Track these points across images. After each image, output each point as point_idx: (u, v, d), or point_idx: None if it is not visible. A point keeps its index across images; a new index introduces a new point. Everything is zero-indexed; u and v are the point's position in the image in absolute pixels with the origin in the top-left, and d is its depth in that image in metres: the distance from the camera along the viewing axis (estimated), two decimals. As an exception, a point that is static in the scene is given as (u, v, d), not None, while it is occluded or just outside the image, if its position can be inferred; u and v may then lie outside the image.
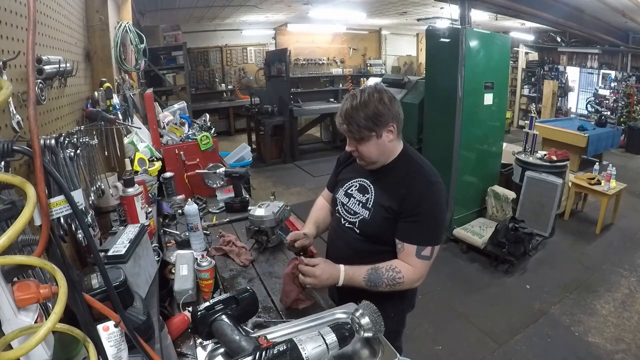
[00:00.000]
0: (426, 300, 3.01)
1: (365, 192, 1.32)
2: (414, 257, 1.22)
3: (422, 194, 1.22)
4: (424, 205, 1.21)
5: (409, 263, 1.23)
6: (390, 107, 1.21)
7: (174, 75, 6.74)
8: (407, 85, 4.22)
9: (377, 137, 1.22)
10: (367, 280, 1.23)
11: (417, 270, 1.23)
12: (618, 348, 2.44)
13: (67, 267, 0.62)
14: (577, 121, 6.47)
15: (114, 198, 1.42)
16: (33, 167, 0.61)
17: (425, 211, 1.21)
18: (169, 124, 2.66)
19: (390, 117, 1.21)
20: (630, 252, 3.62)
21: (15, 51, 0.83)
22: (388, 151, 1.27)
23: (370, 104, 1.19)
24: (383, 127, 1.21)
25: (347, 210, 1.36)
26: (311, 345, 0.85)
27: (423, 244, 1.22)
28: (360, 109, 1.19)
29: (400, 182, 1.24)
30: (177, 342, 1.13)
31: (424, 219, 1.21)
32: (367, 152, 1.24)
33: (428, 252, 1.23)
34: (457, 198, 3.73)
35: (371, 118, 1.19)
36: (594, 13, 4.99)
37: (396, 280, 1.22)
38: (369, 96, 1.20)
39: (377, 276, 1.22)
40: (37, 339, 0.52)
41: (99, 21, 1.76)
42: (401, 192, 1.23)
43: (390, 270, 1.22)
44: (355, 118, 1.19)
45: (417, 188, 1.22)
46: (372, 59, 9.65)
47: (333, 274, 1.24)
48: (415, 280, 1.26)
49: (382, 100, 1.20)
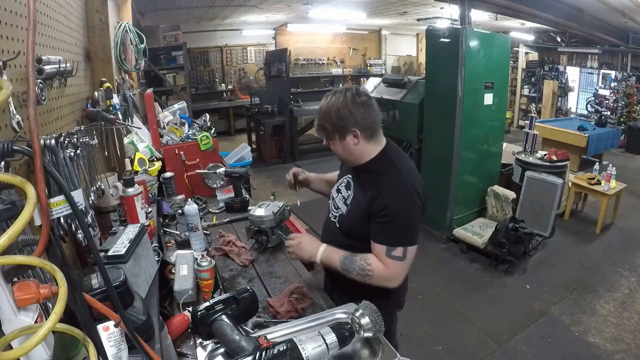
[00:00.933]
0: (426, 300, 3.02)
1: (349, 189, 1.38)
2: (385, 257, 1.24)
3: (391, 194, 1.23)
4: (393, 206, 1.22)
5: (381, 259, 1.25)
6: (354, 113, 1.23)
7: (174, 75, 6.74)
8: (407, 85, 4.22)
9: (339, 139, 1.27)
10: (342, 263, 1.28)
11: (388, 269, 1.24)
12: (618, 348, 2.44)
13: (67, 267, 0.62)
14: (577, 121, 6.47)
15: (114, 198, 1.42)
16: (33, 167, 0.61)
17: (393, 212, 1.22)
18: (169, 124, 2.66)
19: (352, 123, 1.24)
20: (630, 252, 3.62)
21: (15, 51, 0.83)
22: (357, 153, 1.30)
23: (333, 109, 1.24)
24: (345, 132, 1.25)
25: (334, 205, 1.43)
26: (311, 345, 0.85)
27: (392, 244, 1.23)
28: (326, 112, 1.26)
29: (374, 181, 1.28)
30: (177, 342, 1.13)
31: (393, 219, 1.22)
32: (336, 151, 1.32)
33: (399, 253, 1.23)
34: (457, 198, 3.73)
35: (332, 122, 1.25)
36: (594, 13, 4.98)
37: (366, 271, 1.25)
38: (335, 100, 1.25)
39: (351, 262, 1.27)
40: (37, 339, 0.52)
41: (99, 21, 1.76)
42: (373, 191, 1.26)
43: (363, 261, 1.26)
44: (322, 119, 1.28)
45: (387, 189, 1.24)
46: (372, 59, 9.65)
47: (314, 247, 1.33)
48: (387, 279, 1.26)
49: (346, 105, 1.23)
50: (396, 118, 4.14)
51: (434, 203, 3.94)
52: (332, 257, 1.31)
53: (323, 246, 1.33)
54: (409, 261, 1.25)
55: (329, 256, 1.31)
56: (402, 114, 4.09)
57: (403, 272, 1.27)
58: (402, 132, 4.10)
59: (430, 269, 3.46)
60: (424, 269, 3.44)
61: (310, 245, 1.35)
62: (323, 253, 1.32)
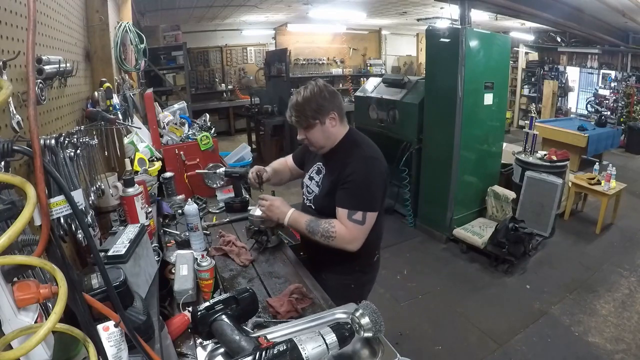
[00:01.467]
0: (426, 300, 3.02)
1: (319, 173, 1.54)
2: (346, 220, 1.37)
3: (355, 165, 1.39)
4: (356, 173, 1.37)
5: (343, 223, 1.38)
6: (330, 99, 1.41)
7: (174, 75, 6.74)
8: (407, 85, 4.21)
9: (321, 124, 1.42)
10: (307, 225, 1.42)
11: (349, 232, 1.37)
12: (618, 348, 2.44)
13: (67, 267, 0.62)
14: (577, 121, 6.47)
15: (114, 198, 1.42)
16: (33, 167, 0.61)
17: (356, 179, 1.37)
18: (169, 124, 2.65)
19: (331, 107, 1.41)
20: (630, 252, 3.62)
21: (15, 51, 0.83)
22: (333, 136, 1.45)
23: (312, 97, 1.40)
24: (326, 115, 1.41)
25: (308, 191, 1.58)
26: (311, 345, 0.85)
27: (353, 208, 1.37)
28: (305, 102, 1.40)
29: (341, 160, 1.43)
30: (177, 342, 1.13)
31: (355, 185, 1.37)
32: (315, 138, 1.44)
33: (359, 217, 1.36)
34: (457, 198, 3.73)
35: (314, 109, 1.39)
36: (594, 13, 4.99)
37: (329, 233, 1.38)
38: (311, 91, 1.41)
39: (316, 225, 1.41)
40: (37, 339, 0.52)
41: (99, 21, 1.76)
42: (340, 168, 1.41)
43: (327, 224, 1.40)
44: (302, 109, 1.40)
45: (352, 161, 1.40)
46: (372, 59, 9.66)
47: (283, 210, 1.49)
48: (348, 241, 1.39)
49: (322, 93, 1.40)
50: (396, 118, 4.14)
51: (434, 203, 3.98)
52: (298, 219, 1.45)
53: (291, 210, 1.48)
54: (369, 226, 1.39)
55: (296, 219, 1.46)
56: (402, 114, 4.09)
57: (362, 236, 1.39)
58: (402, 132, 4.10)
59: (430, 269, 3.47)
60: (424, 269, 3.45)
61: (279, 209, 1.49)
62: (291, 216, 1.46)
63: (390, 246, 3.79)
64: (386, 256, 3.60)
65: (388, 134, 4.24)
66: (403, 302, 2.98)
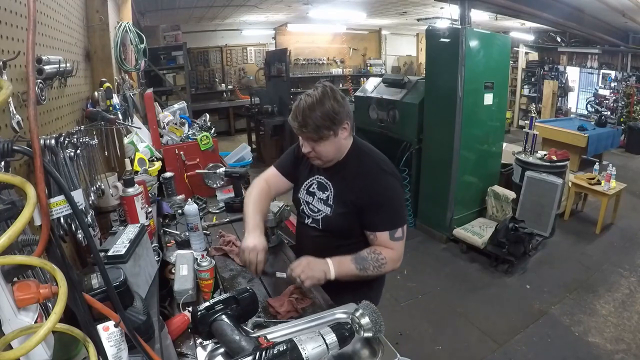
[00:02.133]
0: (426, 300, 3.02)
1: (325, 190, 1.37)
2: (389, 241, 1.30)
3: (379, 183, 1.29)
4: (384, 193, 1.29)
5: (388, 244, 1.30)
6: (344, 105, 1.25)
7: (174, 75, 6.74)
8: (407, 85, 4.21)
9: (334, 135, 1.25)
10: (356, 264, 1.26)
11: (395, 251, 1.31)
12: (618, 348, 2.44)
13: (67, 267, 0.62)
14: (577, 121, 6.47)
15: (114, 198, 1.42)
16: (33, 167, 0.61)
17: (386, 199, 1.29)
18: (169, 124, 2.65)
19: (345, 115, 1.25)
20: (630, 252, 3.62)
21: (15, 51, 0.83)
22: (343, 147, 1.32)
23: (326, 102, 1.21)
24: (339, 125, 1.25)
25: (311, 209, 1.41)
26: (311, 345, 0.85)
27: (394, 227, 1.29)
28: (317, 108, 1.21)
29: (356, 175, 1.31)
30: (177, 342, 1.13)
31: (387, 206, 1.30)
32: (325, 152, 1.27)
33: (400, 233, 1.31)
34: (457, 198, 3.73)
35: (328, 117, 1.21)
36: (594, 13, 4.99)
37: (380, 262, 1.28)
38: (323, 95, 1.22)
39: (363, 259, 1.27)
40: (37, 339, 0.52)
41: (99, 21, 1.76)
42: (358, 184, 1.30)
43: (373, 254, 1.29)
44: (312, 118, 1.21)
45: (373, 179, 1.29)
46: (372, 59, 9.66)
47: (322, 263, 1.24)
48: (396, 260, 1.33)
49: (335, 98, 1.23)
50: (396, 118, 4.14)
51: (434, 203, 3.98)
52: (343, 265, 1.25)
53: (328, 260, 1.26)
54: (405, 236, 1.33)
55: (341, 265, 1.25)
56: (402, 114, 4.09)
57: (403, 249, 1.34)
58: (402, 132, 4.10)
59: (430, 269, 3.47)
60: (424, 269, 3.45)
61: (317, 263, 1.24)
62: (336, 270, 1.24)
63: (390, 246, 3.78)
64: (386, 256, 3.60)
65: (388, 134, 4.24)
66: (403, 302, 2.97)
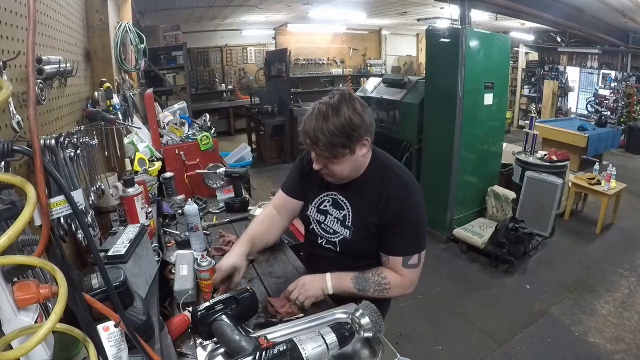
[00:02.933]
0: (426, 300, 3.02)
1: (341, 209, 1.24)
2: (401, 268, 1.19)
3: (402, 203, 1.15)
4: (406, 214, 1.16)
5: (398, 271, 1.21)
6: (364, 118, 1.07)
7: (174, 75, 6.74)
8: (407, 85, 4.22)
9: (351, 153, 1.09)
10: (355, 284, 1.21)
11: (405, 279, 1.21)
12: (618, 348, 2.44)
13: (67, 267, 0.62)
14: (577, 121, 6.47)
15: (114, 198, 1.42)
16: (33, 167, 0.61)
17: (408, 221, 1.16)
18: (169, 124, 2.65)
19: (364, 130, 1.08)
20: (630, 252, 3.62)
21: (15, 51, 0.83)
22: (361, 165, 1.17)
23: (342, 115, 1.04)
24: (357, 142, 1.08)
25: (324, 229, 1.29)
26: (311, 345, 0.85)
27: (408, 254, 1.18)
28: (332, 122, 1.04)
29: (377, 194, 1.17)
30: (177, 342, 1.13)
31: (408, 229, 1.17)
32: (339, 171, 1.13)
33: (415, 260, 1.19)
34: (457, 198, 3.73)
35: (345, 133, 1.05)
36: (594, 13, 4.99)
37: (382, 286, 1.20)
38: (340, 106, 1.05)
39: (364, 280, 1.21)
40: (37, 339, 0.52)
41: (99, 21, 1.76)
42: (380, 205, 1.16)
43: (377, 276, 1.21)
44: (325, 134, 1.04)
45: (396, 198, 1.15)
46: (372, 59, 9.66)
47: (319, 280, 1.22)
48: (405, 288, 1.23)
49: (355, 110, 1.05)
50: (396, 118, 4.15)
51: (434, 203, 3.97)
52: (342, 281, 1.21)
53: (327, 275, 1.22)
54: (421, 265, 1.22)
55: (339, 282, 1.22)
56: (402, 114, 4.10)
57: (418, 277, 1.23)
58: (402, 132, 4.11)
59: (430, 269, 3.46)
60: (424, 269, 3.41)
61: (314, 281, 1.22)
62: (331, 281, 1.22)
63: (390, 246, 3.79)
64: (386, 256, 3.61)
65: (388, 134, 4.24)
66: (403, 302, 2.97)
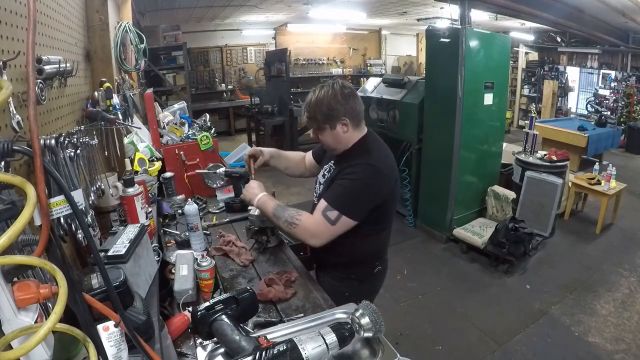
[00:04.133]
0: (426, 300, 3.02)
1: (330, 172, 1.50)
2: (320, 212, 1.32)
3: (356, 168, 1.34)
4: (352, 175, 1.33)
5: (314, 215, 1.34)
6: (343, 103, 1.35)
7: (174, 75, 6.74)
8: (407, 85, 4.21)
9: (331, 128, 1.37)
10: (274, 209, 1.38)
11: (316, 225, 1.32)
12: (618, 348, 2.44)
13: (67, 267, 0.62)
14: (577, 121, 6.47)
15: (114, 198, 1.42)
16: (33, 167, 0.61)
17: (348, 179, 1.33)
18: (169, 124, 2.65)
19: (343, 112, 1.35)
20: (630, 252, 3.62)
21: (15, 51, 0.83)
22: (344, 140, 1.40)
23: (324, 100, 1.35)
24: (336, 120, 1.36)
25: (317, 189, 1.56)
26: (311, 345, 0.85)
27: (332, 204, 1.31)
28: (317, 104, 1.36)
29: (349, 161, 1.38)
30: (177, 342, 1.13)
31: (344, 184, 1.33)
32: (325, 140, 1.42)
33: (333, 216, 1.30)
34: (457, 198, 3.73)
35: (324, 113, 1.35)
36: (594, 13, 4.99)
37: (294, 219, 1.33)
38: (325, 93, 1.36)
39: (283, 210, 1.37)
40: (37, 339, 0.52)
41: (99, 21, 1.76)
42: (344, 167, 1.37)
43: (294, 211, 1.36)
44: (313, 111, 1.38)
45: (354, 163, 1.35)
46: (372, 59, 9.66)
47: (254, 192, 1.46)
48: (310, 234, 1.33)
49: (335, 97, 1.34)
50: (396, 118, 4.15)
51: (434, 203, 3.98)
52: (267, 202, 1.41)
53: (263, 194, 1.45)
54: (337, 229, 1.31)
55: (265, 202, 1.42)
56: (402, 114, 4.10)
57: (328, 235, 1.32)
58: (402, 132, 4.10)
59: (430, 269, 3.47)
60: (424, 269, 3.45)
61: (252, 190, 1.48)
62: (260, 199, 1.43)
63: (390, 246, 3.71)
64: (386, 256, 3.60)
65: (388, 134, 4.23)
66: (403, 302, 2.98)
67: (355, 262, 1.49)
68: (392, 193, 1.41)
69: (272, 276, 1.42)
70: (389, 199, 1.41)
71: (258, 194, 1.45)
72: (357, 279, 1.52)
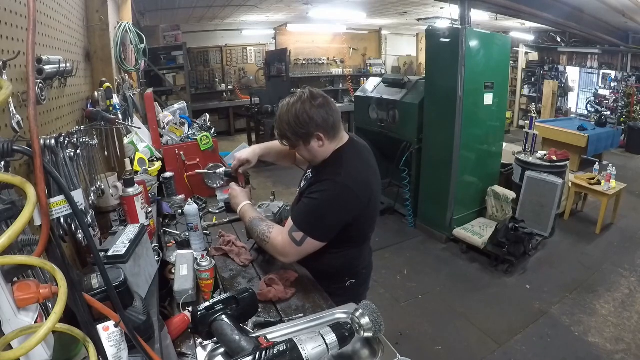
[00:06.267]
0: (426, 300, 3.02)
1: (306, 182, 1.44)
2: (286, 233, 1.29)
3: (324, 185, 1.27)
4: (317, 194, 1.26)
5: (282, 233, 1.31)
6: (313, 118, 1.23)
7: (174, 75, 6.74)
8: (407, 85, 4.21)
9: (304, 144, 1.29)
10: (250, 222, 1.39)
11: (283, 244, 1.29)
12: (618, 348, 2.44)
13: (67, 267, 0.62)
14: (577, 121, 6.48)
15: (114, 198, 1.42)
16: (33, 167, 0.61)
17: (314, 198, 1.27)
18: (169, 124, 2.66)
19: (314, 128, 1.24)
20: (630, 252, 3.62)
21: (15, 51, 0.83)
22: (321, 154, 1.32)
23: (291, 116, 1.24)
24: (309, 136, 1.26)
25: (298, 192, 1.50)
26: (311, 345, 0.85)
27: (297, 225, 1.27)
28: (285, 121, 1.26)
29: (321, 174, 1.32)
30: (177, 342, 1.13)
31: (310, 204, 1.27)
32: (302, 155, 1.37)
33: (298, 237, 1.26)
34: (457, 198, 3.73)
35: (294, 131, 1.26)
36: (594, 13, 4.98)
37: (265, 236, 1.33)
38: (291, 108, 1.24)
39: (257, 224, 1.37)
40: (37, 339, 0.52)
41: (99, 21, 1.76)
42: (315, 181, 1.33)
43: (267, 227, 1.34)
44: (282, 129, 1.29)
45: (322, 179, 1.28)
46: (372, 59, 9.65)
47: (238, 201, 1.48)
48: (278, 252, 1.32)
49: (305, 111, 1.23)
50: (396, 118, 4.15)
51: (434, 203, 3.98)
52: (247, 213, 1.42)
53: (245, 203, 1.46)
54: (304, 250, 1.29)
55: (246, 212, 1.43)
56: (402, 114, 4.10)
57: (295, 254, 1.31)
58: (402, 132, 4.11)
59: (430, 269, 3.47)
60: (424, 269, 3.45)
61: (237, 199, 1.49)
62: (242, 208, 1.45)
63: (390, 246, 3.79)
64: (386, 256, 3.61)
65: (388, 134, 4.24)
66: (403, 302, 2.98)
67: (322, 276, 1.44)
68: (365, 211, 1.31)
69: (272, 276, 1.42)
70: (361, 218, 1.32)
71: (239, 204, 1.47)
72: (328, 292, 1.42)
